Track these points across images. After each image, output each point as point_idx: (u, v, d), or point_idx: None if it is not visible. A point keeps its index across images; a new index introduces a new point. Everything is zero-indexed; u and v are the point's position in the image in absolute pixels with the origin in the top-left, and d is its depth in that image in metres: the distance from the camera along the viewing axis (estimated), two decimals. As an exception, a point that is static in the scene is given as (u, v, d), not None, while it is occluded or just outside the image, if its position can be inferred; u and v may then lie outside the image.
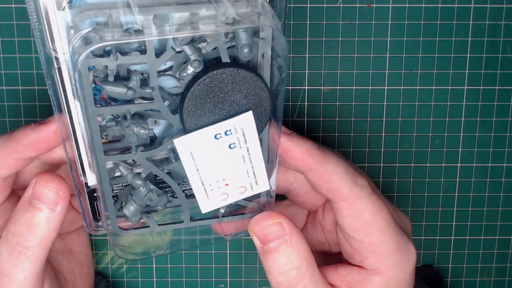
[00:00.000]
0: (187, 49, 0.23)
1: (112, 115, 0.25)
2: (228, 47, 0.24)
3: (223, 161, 0.25)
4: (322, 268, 0.28)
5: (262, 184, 0.27)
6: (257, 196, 0.28)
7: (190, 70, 0.23)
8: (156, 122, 0.26)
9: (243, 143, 0.25)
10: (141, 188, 0.26)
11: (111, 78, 0.23)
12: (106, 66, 0.23)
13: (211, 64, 0.24)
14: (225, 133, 0.24)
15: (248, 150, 0.25)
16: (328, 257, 0.31)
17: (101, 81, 0.23)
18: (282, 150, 0.27)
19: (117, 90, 0.23)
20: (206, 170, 0.25)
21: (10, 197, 0.28)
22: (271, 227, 0.26)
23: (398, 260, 0.27)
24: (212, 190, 0.26)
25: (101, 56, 0.23)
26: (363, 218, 0.27)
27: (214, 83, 0.23)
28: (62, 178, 0.26)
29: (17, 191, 0.29)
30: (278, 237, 0.26)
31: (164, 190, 0.27)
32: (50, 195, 0.25)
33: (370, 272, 0.27)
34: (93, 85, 0.23)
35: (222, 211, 0.28)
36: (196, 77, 0.23)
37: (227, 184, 0.26)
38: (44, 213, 0.25)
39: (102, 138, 0.24)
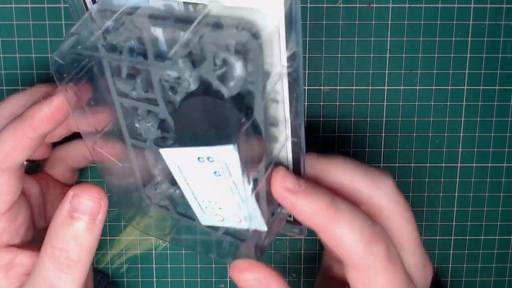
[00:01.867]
0: (181, 66, 0.22)
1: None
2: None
3: (212, 185, 0.23)
4: None
5: (258, 223, 0.25)
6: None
7: (180, 89, 0.23)
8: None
9: (228, 175, 0.22)
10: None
11: (123, 75, 0.24)
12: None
13: (202, 85, 0.22)
14: (208, 159, 0.22)
15: (234, 184, 0.23)
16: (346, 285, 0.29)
17: (115, 74, 0.24)
18: (288, 206, 0.24)
19: (125, 87, 0.24)
20: (196, 187, 0.24)
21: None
22: (250, 281, 0.24)
23: None
24: (206, 207, 0.25)
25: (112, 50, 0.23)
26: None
27: (199, 106, 0.22)
28: (99, 187, 0.26)
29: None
30: None
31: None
32: (91, 205, 0.25)
33: None
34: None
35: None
36: (188, 95, 0.22)
37: (220, 208, 0.25)
38: (87, 224, 0.25)
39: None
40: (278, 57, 0.21)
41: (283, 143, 0.24)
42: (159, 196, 0.28)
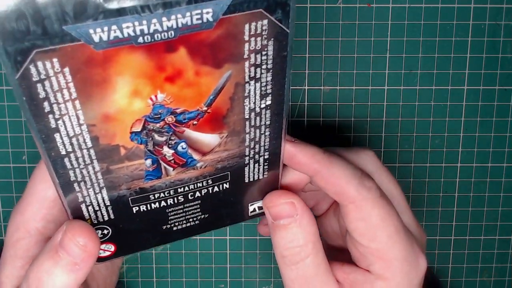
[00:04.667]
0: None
1: None
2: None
3: None
4: (329, 262, 0.28)
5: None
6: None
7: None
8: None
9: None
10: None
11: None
12: None
13: None
14: None
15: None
16: (339, 252, 0.31)
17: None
18: (287, 156, 0.27)
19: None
20: None
21: None
22: (283, 205, 0.27)
23: (404, 271, 0.26)
24: None
25: None
26: (370, 222, 0.26)
27: None
28: (93, 229, 0.25)
29: None
30: (289, 215, 0.27)
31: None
32: (76, 250, 0.24)
33: (374, 277, 0.27)
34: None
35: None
36: None
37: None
38: (66, 265, 0.24)
39: None
40: None
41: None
42: None
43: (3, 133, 0.36)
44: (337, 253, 0.31)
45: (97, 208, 0.25)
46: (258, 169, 0.27)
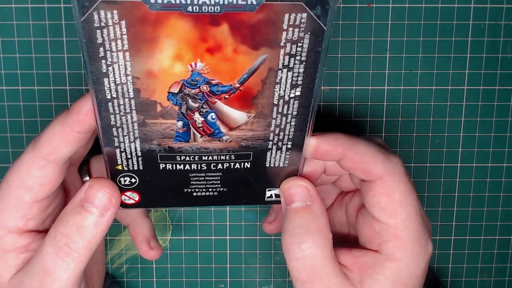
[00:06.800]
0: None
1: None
2: None
3: None
4: (336, 249, 0.28)
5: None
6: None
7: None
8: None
9: None
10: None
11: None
12: None
13: None
14: None
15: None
16: (345, 242, 0.32)
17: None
18: (311, 150, 0.27)
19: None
20: None
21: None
22: (298, 188, 0.28)
23: (415, 252, 0.27)
24: None
25: None
26: (393, 197, 0.26)
27: None
28: (115, 184, 0.27)
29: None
30: (301, 200, 0.27)
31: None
32: (103, 199, 0.26)
33: (384, 257, 0.27)
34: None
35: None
36: None
37: None
38: (94, 217, 0.26)
39: None
40: None
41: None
42: None
43: (3, 133, 0.36)
44: (342, 242, 0.31)
45: (129, 156, 0.27)
46: (280, 157, 0.28)
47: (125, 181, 0.28)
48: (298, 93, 0.25)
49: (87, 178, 0.32)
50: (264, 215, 0.38)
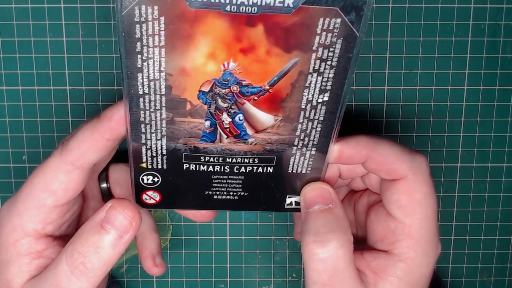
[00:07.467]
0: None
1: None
2: None
3: None
4: None
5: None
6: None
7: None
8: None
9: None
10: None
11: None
12: None
13: None
14: None
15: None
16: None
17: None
18: (335, 156, 0.27)
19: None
20: None
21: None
22: (321, 191, 0.28)
23: (426, 253, 0.27)
24: None
25: None
26: (414, 197, 0.26)
27: None
28: (137, 207, 0.26)
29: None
30: (323, 202, 0.27)
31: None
32: (124, 222, 0.26)
33: (397, 258, 0.27)
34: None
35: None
36: None
37: None
38: (113, 238, 0.26)
39: None
40: None
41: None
42: None
43: (3, 133, 0.36)
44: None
45: (154, 154, 0.27)
46: (303, 163, 0.28)
47: (147, 179, 0.28)
48: (326, 98, 0.25)
49: (105, 185, 0.32)
50: (264, 216, 0.38)
